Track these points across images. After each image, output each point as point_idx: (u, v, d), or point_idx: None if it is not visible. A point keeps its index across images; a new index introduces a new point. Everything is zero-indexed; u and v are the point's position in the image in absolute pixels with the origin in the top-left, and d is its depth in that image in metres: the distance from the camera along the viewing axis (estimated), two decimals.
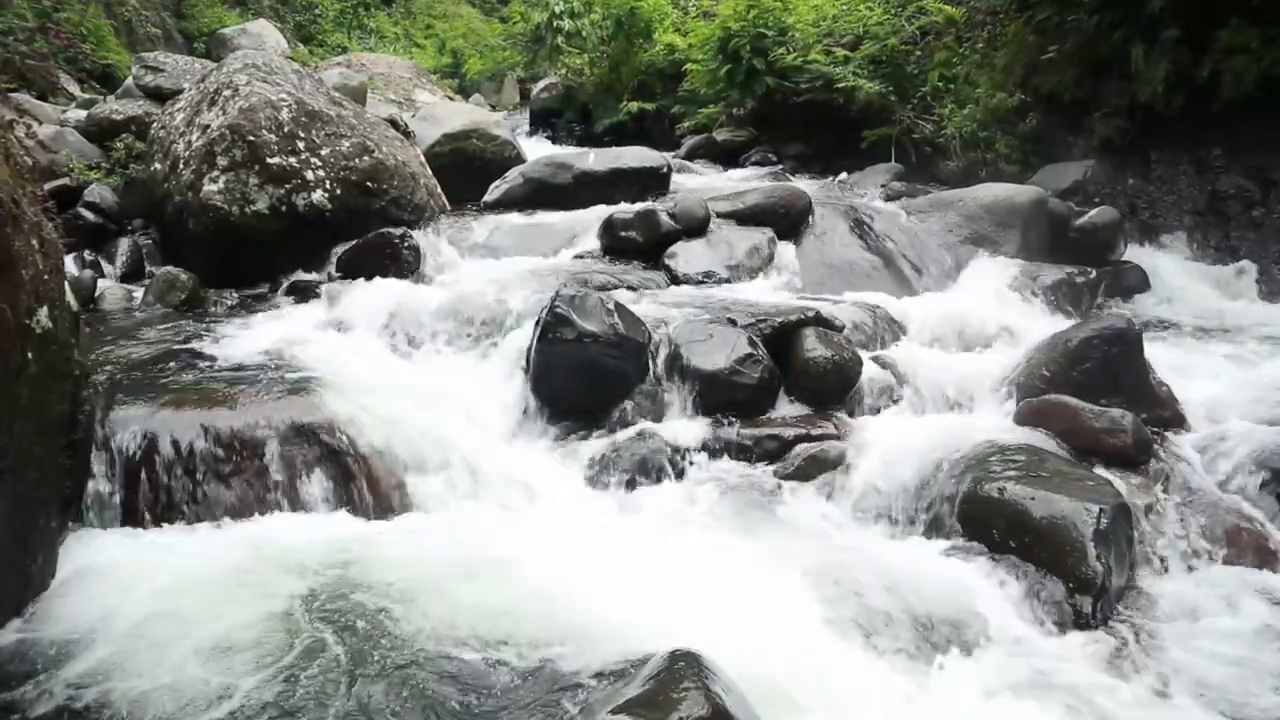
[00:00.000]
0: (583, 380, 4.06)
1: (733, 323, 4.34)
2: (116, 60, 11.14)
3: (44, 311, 2.48)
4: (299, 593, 2.68)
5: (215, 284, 5.63)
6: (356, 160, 5.94)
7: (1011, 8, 7.91)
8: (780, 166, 9.72)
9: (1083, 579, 2.88)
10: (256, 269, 5.69)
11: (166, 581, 2.73)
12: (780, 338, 4.34)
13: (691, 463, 3.84)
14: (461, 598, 2.68)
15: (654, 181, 7.02)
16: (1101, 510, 2.98)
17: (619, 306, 4.20)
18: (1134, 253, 6.31)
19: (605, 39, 14.09)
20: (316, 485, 3.33)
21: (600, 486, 3.74)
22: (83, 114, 7.34)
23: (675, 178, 7.52)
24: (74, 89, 9.73)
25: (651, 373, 4.15)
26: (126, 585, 2.72)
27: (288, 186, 5.64)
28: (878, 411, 4.16)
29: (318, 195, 5.70)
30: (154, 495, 3.18)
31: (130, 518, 3.14)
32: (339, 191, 5.79)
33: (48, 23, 9.61)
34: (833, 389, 4.21)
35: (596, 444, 3.94)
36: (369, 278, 5.42)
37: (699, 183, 8.16)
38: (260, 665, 2.35)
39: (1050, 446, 3.57)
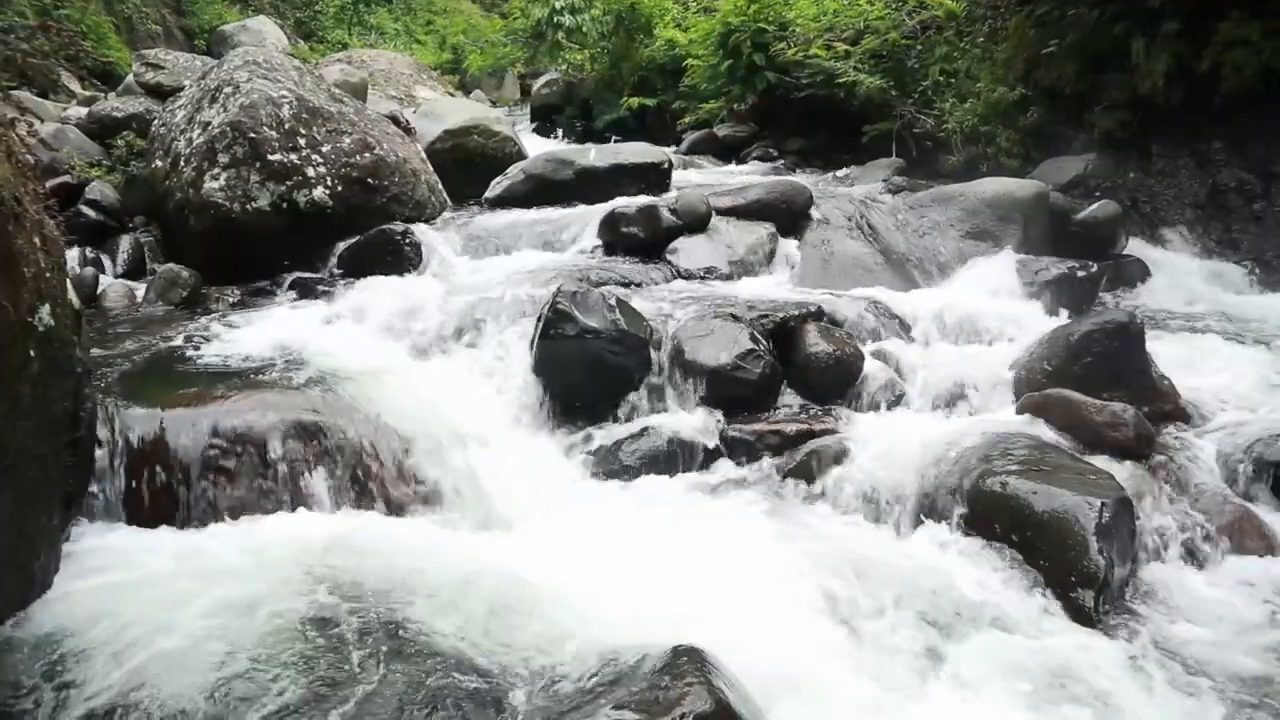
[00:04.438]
0: (585, 376, 4.06)
1: (735, 318, 4.34)
2: (117, 57, 11.15)
3: (46, 309, 2.48)
4: (303, 590, 2.68)
5: (217, 281, 5.63)
6: (358, 157, 5.94)
7: (1013, 1, 7.90)
8: (781, 162, 9.73)
9: (1085, 572, 2.88)
10: (258, 266, 5.68)
11: (170, 579, 2.72)
12: (782, 333, 4.34)
13: (694, 458, 3.84)
14: (464, 593, 2.69)
15: (655, 177, 7.01)
16: (1104, 504, 2.98)
17: (621, 302, 4.20)
18: (1135, 246, 6.30)
19: (606, 34, 14.08)
20: (320, 483, 3.33)
21: (603, 481, 3.74)
22: (84, 111, 7.34)
23: (676, 173, 7.51)
24: (75, 86, 9.74)
25: (654, 368, 4.15)
26: (130, 583, 2.72)
27: (289, 183, 5.64)
28: (880, 406, 4.16)
29: (319, 192, 5.70)
30: (157, 493, 3.18)
31: (133, 516, 3.14)
32: (340, 188, 5.79)
33: (48, 20, 9.60)
34: (835, 384, 4.21)
35: (599, 439, 3.94)
36: (371, 275, 5.43)
37: (700, 178, 8.15)
38: (264, 663, 2.35)
39: (1052, 440, 3.57)
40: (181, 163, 5.72)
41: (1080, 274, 5.50)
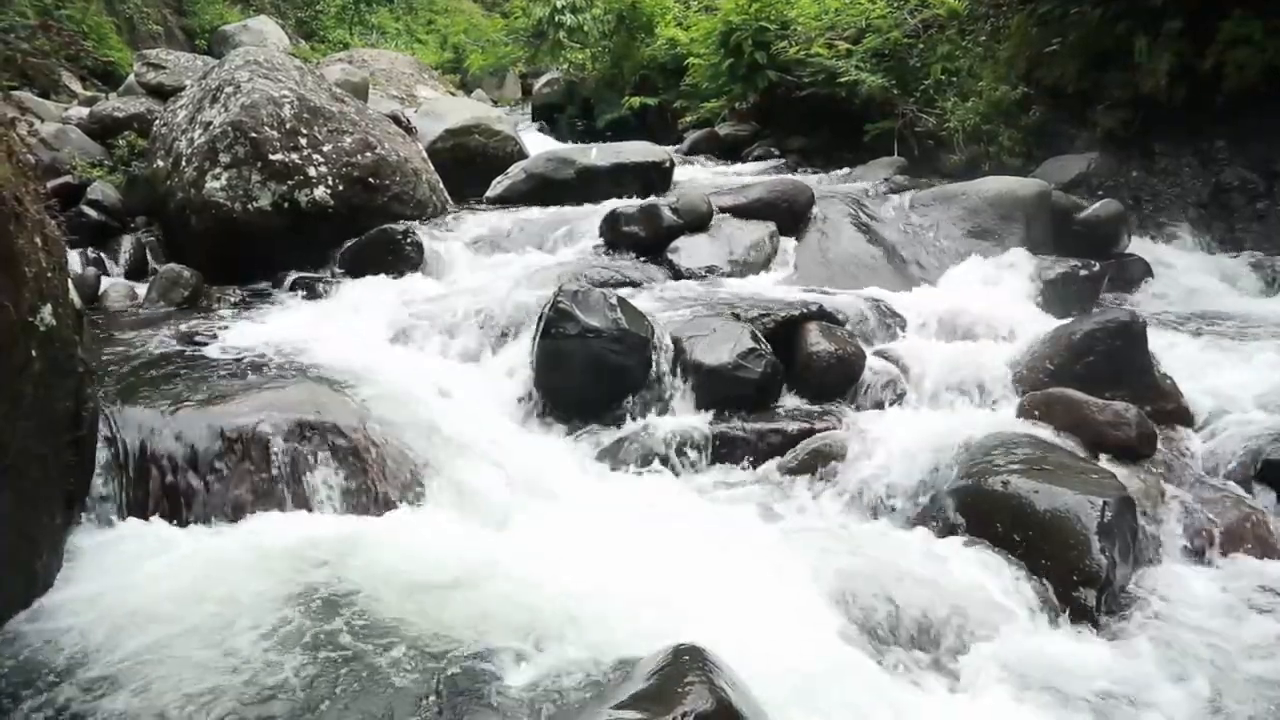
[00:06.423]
0: (586, 375, 4.06)
1: (736, 317, 4.34)
2: (118, 58, 11.15)
3: (47, 309, 2.49)
4: (304, 589, 2.68)
5: (218, 281, 5.63)
6: (359, 156, 5.94)
7: (1015, 0, 7.89)
8: (783, 160, 9.72)
9: (1087, 572, 2.88)
10: (259, 266, 5.69)
11: (171, 578, 2.73)
12: (783, 332, 4.34)
13: (695, 457, 3.84)
14: (466, 591, 2.69)
15: (656, 176, 7.02)
16: (1105, 503, 2.98)
17: (622, 301, 4.20)
18: (1137, 245, 6.29)
19: (607, 33, 14.08)
20: (322, 482, 3.33)
21: (604, 480, 3.74)
22: (85, 111, 7.34)
23: (677, 172, 7.51)
24: (76, 86, 9.73)
25: (655, 368, 4.14)
26: (131, 582, 2.72)
27: (290, 183, 5.64)
28: (881, 405, 4.16)
29: (320, 192, 5.71)
30: (158, 492, 3.18)
31: (135, 515, 3.13)
32: (341, 188, 5.80)
33: (49, 20, 9.59)
34: (836, 383, 4.21)
35: (600, 438, 3.95)
36: (372, 274, 5.43)
37: (701, 177, 8.15)
38: (266, 662, 2.36)
39: (1054, 440, 3.56)
40: (183, 163, 5.72)
41: (1082, 273, 5.50)
